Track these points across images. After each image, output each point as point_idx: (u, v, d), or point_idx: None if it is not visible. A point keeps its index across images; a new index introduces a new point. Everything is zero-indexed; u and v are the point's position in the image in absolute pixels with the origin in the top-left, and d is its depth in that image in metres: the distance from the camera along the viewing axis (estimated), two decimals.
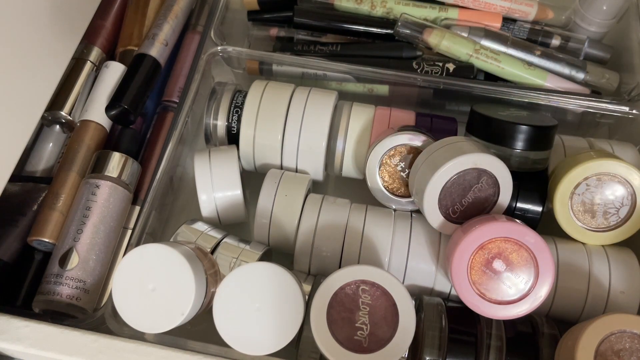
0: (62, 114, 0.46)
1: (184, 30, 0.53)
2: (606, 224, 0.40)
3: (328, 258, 0.40)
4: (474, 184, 0.32)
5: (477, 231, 0.35)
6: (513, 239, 0.35)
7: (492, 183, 0.32)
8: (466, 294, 0.35)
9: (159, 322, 0.32)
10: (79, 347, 0.35)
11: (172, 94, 0.50)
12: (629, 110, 0.45)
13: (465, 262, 0.35)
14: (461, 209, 0.33)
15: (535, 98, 0.46)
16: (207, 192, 0.44)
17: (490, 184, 0.32)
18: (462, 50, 0.47)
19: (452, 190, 0.32)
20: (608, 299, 0.38)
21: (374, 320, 0.33)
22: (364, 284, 0.33)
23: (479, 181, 0.31)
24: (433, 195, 0.35)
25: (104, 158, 0.43)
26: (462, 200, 0.32)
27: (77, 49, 0.47)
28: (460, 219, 0.34)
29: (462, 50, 0.47)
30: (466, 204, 0.32)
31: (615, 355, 0.33)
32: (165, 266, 0.33)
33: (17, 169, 0.40)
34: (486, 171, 0.33)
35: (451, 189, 0.32)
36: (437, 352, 0.35)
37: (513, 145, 0.40)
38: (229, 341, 0.32)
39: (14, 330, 0.35)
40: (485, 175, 0.32)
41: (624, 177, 0.38)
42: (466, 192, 0.32)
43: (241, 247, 0.41)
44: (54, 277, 0.39)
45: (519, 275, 0.35)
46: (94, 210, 0.41)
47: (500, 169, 0.33)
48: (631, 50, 0.49)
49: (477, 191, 0.31)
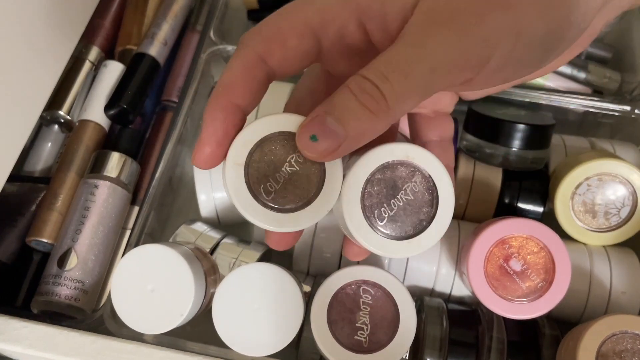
0: (61, 114, 0.46)
1: (184, 30, 0.53)
2: (607, 224, 0.39)
3: (328, 259, 0.40)
4: (406, 183, 0.25)
5: (501, 223, 0.35)
6: (536, 238, 0.35)
7: (427, 187, 0.25)
8: (478, 284, 0.35)
9: (158, 323, 0.32)
10: (77, 348, 0.35)
11: (172, 93, 0.50)
12: (630, 110, 0.45)
13: (484, 253, 0.35)
14: (389, 214, 0.25)
15: (537, 98, 0.46)
16: (207, 192, 0.44)
17: (426, 187, 0.25)
18: None
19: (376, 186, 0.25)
20: (609, 299, 0.38)
21: (374, 320, 0.33)
22: (364, 284, 0.33)
23: (412, 179, 0.25)
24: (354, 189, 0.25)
25: (102, 158, 0.43)
26: (391, 202, 0.25)
27: (76, 48, 0.46)
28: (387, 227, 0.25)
29: None
30: (395, 208, 0.25)
31: (617, 356, 0.33)
32: (164, 267, 0.32)
33: (15, 168, 0.40)
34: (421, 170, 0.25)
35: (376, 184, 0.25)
36: (437, 354, 0.35)
37: (511, 144, 0.40)
38: (229, 342, 0.32)
39: (12, 331, 0.35)
40: (420, 174, 0.25)
41: (625, 177, 0.38)
42: (396, 192, 0.25)
43: (241, 248, 0.41)
44: (53, 278, 0.39)
45: (534, 278, 0.35)
46: (92, 210, 0.41)
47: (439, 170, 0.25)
48: (633, 49, 0.49)
49: (409, 193, 0.25)
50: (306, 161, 0.24)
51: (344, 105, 0.21)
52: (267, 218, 0.24)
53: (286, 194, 0.24)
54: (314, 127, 0.21)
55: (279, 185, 0.24)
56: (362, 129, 0.21)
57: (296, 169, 0.24)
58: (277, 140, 0.24)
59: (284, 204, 0.24)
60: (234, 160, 0.24)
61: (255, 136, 0.24)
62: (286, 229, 0.24)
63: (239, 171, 0.24)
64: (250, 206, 0.24)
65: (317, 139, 0.21)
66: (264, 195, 0.24)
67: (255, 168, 0.24)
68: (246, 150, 0.24)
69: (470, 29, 0.20)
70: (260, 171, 0.24)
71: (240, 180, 0.24)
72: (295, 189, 0.24)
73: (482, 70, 0.21)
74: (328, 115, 0.21)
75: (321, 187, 0.24)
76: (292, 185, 0.24)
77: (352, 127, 0.21)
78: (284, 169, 0.24)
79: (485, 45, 0.21)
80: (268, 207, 0.24)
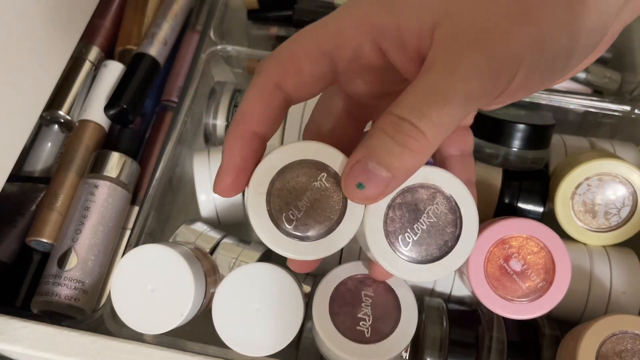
0: (61, 114, 0.46)
1: (184, 30, 0.53)
2: (607, 224, 0.39)
3: (328, 258, 0.40)
4: (428, 205, 0.25)
5: (501, 223, 0.35)
6: (536, 238, 0.35)
7: (449, 208, 0.25)
8: (478, 284, 0.35)
9: (158, 323, 0.32)
10: (77, 348, 0.35)
11: (172, 93, 0.50)
12: (630, 110, 0.45)
13: (484, 253, 0.35)
14: (414, 238, 0.25)
15: (537, 97, 0.46)
16: (207, 192, 0.44)
17: (449, 208, 0.25)
18: None
19: (398, 211, 0.25)
20: (609, 299, 0.38)
21: (376, 312, 0.33)
22: (366, 277, 0.33)
23: (434, 201, 0.25)
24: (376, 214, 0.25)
25: (102, 158, 0.43)
26: (415, 226, 0.25)
27: (76, 48, 0.46)
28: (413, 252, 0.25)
29: None
30: (419, 232, 0.25)
31: (617, 356, 0.33)
32: (164, 267, 0.32)
33: (15, 168, 0.40)
34: (441, 191, 0.25)
35: (397, 209, 0.25)
36: (438, 354, 0.35)
37: (511, 144, 0.40)
38: (228, 342, 0.32)
39: (12, 331, 0.35)
40: (441, 195, 0.25)
41: (625, 177, 0.38)
42: (418, 215, 0.25)
43: (241, 248, 0.41)
44: (53, 278, 0.39)
45: (534, 278, 0.35)
46: (92, 210, 0.41)
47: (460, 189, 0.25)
48: (633, 49, 0.49)
49: (432, 215, 0.25)
50: (328, 189, 0.24)
51: (384, 149, 0.21)
52: (289, 247, 0.24)
53: (308, 222, 0.24)
54: (358, 175, 0.21)
55: (300, 214, 0.24)
56: (407, 169, 0.21)
57: (318, 197, 0.24)
58: (299, 168, 0.24)
59: (305, 232, 0.24)
60: (255, 189, 0.24)
61: (277, 164, 0.24)
62: (308, 257, 0.24)
63: (260, 200, 0.24)
64: (272, 235, 0.24)
65: (363, 187, 0.22)
66: (286, 224, 0.24)
67: (277, 196, 0.24)
68: (268, 178, 0.24)
69: (497, 47, 0.20)
70: (282, 199, 0.24)
71: (262, 209, 0.24)
72: (317, 217, 0.24)
73: (510, 86, 0.21)
74: (369, 160, 0.21)
75: (343, 215, 0.24)
76: (314, 213, 0.24)
77: (396, 168, 0.21)
78: (306, 197, 0.24)
79: (512, 62, 0.20)
80: (290, 235, 0.24)
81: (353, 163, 0.22)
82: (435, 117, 0.20)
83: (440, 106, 0.20)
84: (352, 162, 0.22)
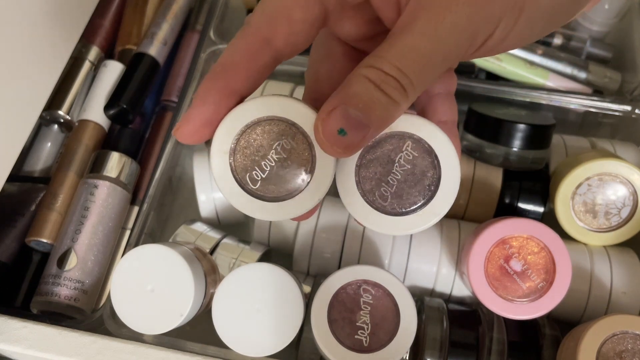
0: (61, 114, 0.46)
1: (183, 29, 0.53)
2: (608, 224, 0.39)
3: (328, 259, 0.40)
4: (398, 154, 0.23)
5: (502, 223, 0.35)
6: (536, 238, 0.35)
7: (423, 150, 0.23)
8: (478, 284, 0.35)
9: (158, 323, 0.32)
10: (77, 348, 0.35)
11: (171, 93, 0.50)
12: (631, 110, 0.45)
13: (484, 253, 0.35)
14: (391, 191, 0.24)
15: (537, 97, 0.46)
16: (207, 192, 0.44)
17: (422, 151, 0.23)
18: None
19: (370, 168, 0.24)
20: (610, 299, 0.38)
21: (375, 320, 0.33)
22: (365, 283, 0.33)
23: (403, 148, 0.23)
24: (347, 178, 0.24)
25: (102, 158, 0.43)
26: (389, 178, 0.24)
27: (76, 48, 0.46)
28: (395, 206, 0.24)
29: None
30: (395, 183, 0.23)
31: (617, 356, 0.33)
32: (164, 267, 0.32)
33: (15, 168, 0.40)
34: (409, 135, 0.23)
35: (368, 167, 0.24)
36: (438, 354, 0.35)
37: (511, 144, 0.40)
38: (228, 342, 0.32)
39: (12, 331, 0.35)
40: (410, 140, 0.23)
41: (626, 177, 0.38)
42: (390, 166, 0.24)
43: (241, 248, 0.41)
44: (52, 278, 0.39)
45: (535, 278, 0.35)
46: (92, 210, 0.41)
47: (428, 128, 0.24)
48: (633, 49, 0.49)
49: (404, 163, 0.23)
50: (295, 148, 0.23)
51: (368, 95, 0.20)
52: (254, 207, 0.23)
53: (273, 182, 0.23)
54: (339, 121, 0.20)
55: (265, 174, 0.23)
56: (386, 118, 0.21)
57: (284, 157, 0.23)
58: (265, 125, 0.23)
59: (271, 192, 0.23)
60: (219, 147, 0.23)
61: (242, 121, 0.23)
62: (273, 218, 0.24)
63: (224, 158, 0.23)
64: (236, 194, 0.23)
65: (345, 133, 0.21)
66: (250, 184, 0.23)
67: (242, 155, 0.23)
68: (232, 136, 0.23)
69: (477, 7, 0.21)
70: (247, 158, 0.23)
71: (226, 168, 0.23)
72: (284, 177, 0.23)
73: (485, 45, 0.22)
74: (349, 106, 0.20)
75: (312, 174, 0.23)
76: (281, 173, 0.23)
77: (377, 116, 0.21)
78: (271, 156, 0.23)
79: (491, 22, 0.21)
80: (255, 195, 0.23)
81: (329, 109, 0.21)
82: (414, 78, 0.21)
83: (420, 68, 0.21)
84: (327, 108, 0.21)
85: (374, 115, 0.21)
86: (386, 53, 0.21)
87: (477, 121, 0.42)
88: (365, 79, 0.21)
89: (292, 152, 0.23)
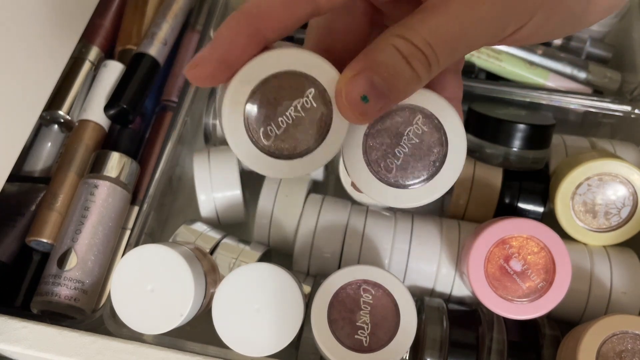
0: (61, 114, 0.46)
1: (183, 29, 0.53)
2: (607, 224, 0.39)
3: (328, 259, 0.40)
4: (408, 127, 0.23)
5: (501, 223, 0.35)
6: (536, 238, 0.35)
7: (432, 126, 0.23)
8: (478, 284, 0.35)
9: (158, 323, 0.32)
10: (77, 348, 0.35)
11: (171, 93, 0.50)
12: (630, 110, 0.45)
13: (484, 253, 0.35)
14: (396, 163, 0.23)
15: (537, 98, 0.46)
16: (207, 192, 0.44)
17: (431, 126, 0.23)
18: None
19: (377, 139, 0.23)
20: (610, 299, 0.38)
21: (375, 320, 0.33)
22: (365, 283, 0.33)
23: (414, 122, 0.23)
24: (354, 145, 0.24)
25: (102, 158, 0.43)
26: (396, 150, 0.23)
27: (76, 48, 0.46)
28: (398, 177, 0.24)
29: None
30: (402, 156, 0.23)
31: (617, 356, 0.33)
32: (164, 267, 0.32)
33: (15, 168, 0.40)
34: (421, 109, 0.23)
35: (376, 137, 0.23)
36: (438, 354, 0.35)
37: (511, 144, 0.40)
38: (228, 342, 0.32)
39: (12, 331, 0.35)
40: (420, 114, 0.23)
41: (626, 177, 0.38)
42: (399, 139, 0.23)
43: (241, 248, 0.41)
44: (53, 278, 0.39)
45: (535, 278, 0.35)
46: (92, 210, 0.41)
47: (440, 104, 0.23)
48: (633, 49, 0.49)
49: (413, 137, 0.23)
50: (313, 106, 0.22)
51: (395, 66, 0.20)
52: (264, 164, 0.22)
53: (286, 140, 0.22)
54: (363, 87, 0.20)
55: (280, 130, 0.22)
56: (406, 91, 0.21)
57: (301, 115, 0.22)
58: (285, 79, 0.22)
59: (282, 151, 0.22)
60: (234, 97, 0.22)
61: (261, 72, 0.21)
62: (281, 175, 0.23)
63: (238, 110, 0.22)
64: (246, 149, 0.22)
65: (368, 100, 0.20)
66: (263, 140, 0.22)
67: (257, 108, 0.22)
68: (249, 87, 0.22)
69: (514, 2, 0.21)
70: (261, 112, 0.22)
71: (239, 121, 0.22)
72: (297, 136, 0.22)
73: (512, 36, 0.22)
74: (374, 74, 0.20)
75: (324, 136, 0.22)
76: (294, 131, 0.22)
77: (399, 89, 0.20)
78: (288, 113, 0.22)
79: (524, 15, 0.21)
80: (266, 152, 0.22)
81: (353, 74, 0.20)
82: (441, 56, 0.21)
83: (449, 48, 0.21)
84: (351, 72, 0.20)
85: (396, 87, 0.20)
86: (419, 27, 0.21)
87: (477, 121, 0.42)
88: (394, 48, 0.20)
89: (309, 110, 0.22)
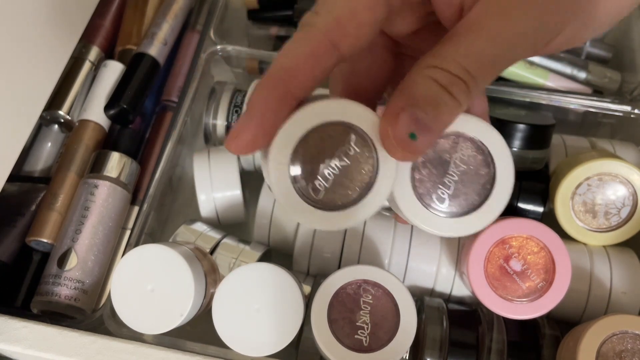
0: (61, 114, 0.46)
1: (183, 29, 0.53)
2: (607, 224, 0.39)
3: (328, 259, 0.40)
4: (453, 154, 0.23)
5: (501, 223, 0.35)
6: (536, 238, 0.35)
7: (475, 148, 0.23)
8: (478, 284, 0.35)
9: (158, 323, 0.32)
10: (77, 348, 0.35)
11: (172, 93, 0.50)
12: (630, 110, 0.45)
13: (484, 253, 0.35)
14: (448, 193, 0.23)
15: (537, 98, 0.46)
16: (207, 192, 0.44)
17: (474, 148, 0.23)
18: None
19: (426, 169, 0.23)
20: (609, 299, 0.38)
21: (375, 320, 0.33)
22: (365, 283, 0.33)
23: (458, 148, 0.23)
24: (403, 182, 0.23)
25: (102, 158, 0.43)
26: (445, 180, 0.23)
27: (76, 48, 0.46)
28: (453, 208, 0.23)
29: None
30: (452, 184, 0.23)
31: (617, 356, 0.33)
32: (164, 267, 0.32)
33: (15, 168, 0.40)
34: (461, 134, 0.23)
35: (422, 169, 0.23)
36: (438, 354, 0.35)
37: (511, 144, 0.40)
38: (228, 342, 0.32)
39: (12, 331, 0.35)
40: (461, 138, 0.23)
41: (626, 177, 0.38)
42: (446, 167, 0.23)
43: (241, 248, 0.41)
44: (53, 278, 0.39)
45: (534, 278, 0.35)
46: (92, 210, 0.41)
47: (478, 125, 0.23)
48: (633, 49, 0.49)
49: (460, 163, 0.23)
50: (357, 154, 0.22)
51: (436, 98, 0.20)
52: (320, 219, 0.22)
53: (337, 191, 0.22)
54: (409, 124, 0.20)
55: (328, 183, 0.22)
56: (449, 120, 0.21)
57: (347, 163, 0.22)
58: (323, 131, 0.22)
59: (334, 202, 0.22)
60: (277, 160, 0.21)
61: (299, 129, 0.21)
62: (339, 227, 0.22)
63: (284, 171, 0.22)
64: (300, 209, 0.22)
65: (416, 138, 0.20)
66: (313, 195, 0.22)
67: (301, 165, 0.22)
68: (290, 146, 0.21)
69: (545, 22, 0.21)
70: (306, 170, 0.22)
71: (286, 181, 0.22)
72: (346, 184, 0.22)
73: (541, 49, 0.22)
74: (417, 109, 0.20)
75: (375, 179, 0.22)
76: (343, 181, 0.22)
77: (443, 120, 0.20)
78: (333, 164, 0.22)
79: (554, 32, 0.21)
80: (319, 206, 0.22)
81: (396, 112, 0.20)
82: (480, 81, 0.21)
83: (487, 73, 0.21)
84: (393, 111, 0.20)
85: (440, 118, 0.20)
86: (453, 54, 0.20)
87: None
88: (432, 80, 0.20)
89: (353, 157, 0.22)
